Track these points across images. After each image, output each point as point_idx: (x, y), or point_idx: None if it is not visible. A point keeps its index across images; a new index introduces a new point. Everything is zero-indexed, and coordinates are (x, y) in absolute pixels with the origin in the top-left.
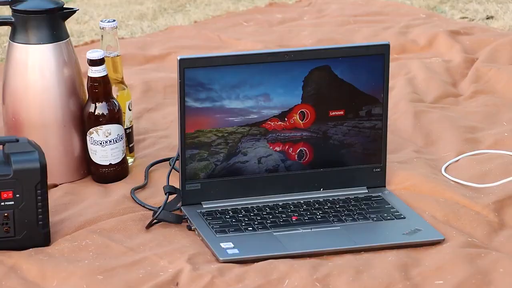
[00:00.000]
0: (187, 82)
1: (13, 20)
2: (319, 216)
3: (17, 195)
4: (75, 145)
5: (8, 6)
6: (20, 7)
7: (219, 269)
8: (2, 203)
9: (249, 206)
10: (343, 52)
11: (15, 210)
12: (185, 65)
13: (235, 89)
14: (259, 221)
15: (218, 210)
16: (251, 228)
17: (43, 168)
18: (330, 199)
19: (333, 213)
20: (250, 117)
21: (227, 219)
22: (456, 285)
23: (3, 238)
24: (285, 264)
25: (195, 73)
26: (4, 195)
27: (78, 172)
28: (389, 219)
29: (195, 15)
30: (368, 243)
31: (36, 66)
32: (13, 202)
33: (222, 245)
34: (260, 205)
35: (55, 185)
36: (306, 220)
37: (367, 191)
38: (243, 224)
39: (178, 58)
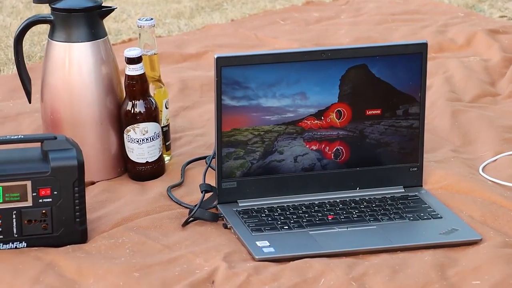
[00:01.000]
0: (224, 80)
1: (52, 18)
2: (355, 215)
3: (55, 192)
4: (112, 143)
5: (48, 4)
6: (59, 5)
7: (255, 267)
8: (40, 200)
9: (285, 204)
10: (381, 50)
11: (53, 207)
12: (222, 63)
13: (272, 88)
14: (295, 219)
15: (254, 208)
16: (287, 227)
17: (81, 166)
18: (367, 198)
19: (369, 212)
20: (286, 115)
21: (263, 218)
22: (493, 286)
23: (41, 235)
24: (320, 263)
25: (232, 72)
26: (42, 192)
27: (115, 170)
28: (425, 219)
29: (232, 14)
30: (404, 243)
31: (75, 64)
32: (51, 199)
33: (258, 243)
34: (296, 203)
35: (92, 183)
36: (342, 219)
37: (403, 190)
38: (279, 222)
39: (215, 57)
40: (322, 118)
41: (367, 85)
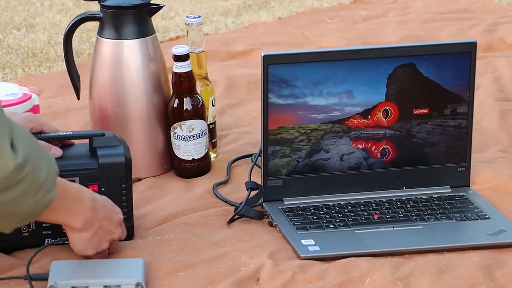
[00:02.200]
0: (270, 78)
1: (101, 15)
2: (401, 215)
3: (103, 189)
4: (159, 139)
5: (97, 2)
6: (109, 3)
7: (300, 265)
8: None
9: (331, 203)
10: (429, 49)
11: None
12: (269, 61)
13: (319, 86)
14: (340, 218)
15: (299, 207)
16: (332, 226)
17: (128, 163)
18: (413, 197)
19: (415, 212)
20: (333, 114)
21: (308, 216)
22: None
23: None
24: (366, 262)
25: (278, 70)
26: (90, 189)
27: (161, 167)
28: (473, 219)
29: (279, 12)
30: (451, 243)
31: (123, 61)
32: None
33: (303, 242)
34: (341, 202)
35: (139, 179)
36: (388, 219)
37: (450, 190)
38: (324, 221)
39: (262, 55)
40: (369, 117)
41: (414, 84)
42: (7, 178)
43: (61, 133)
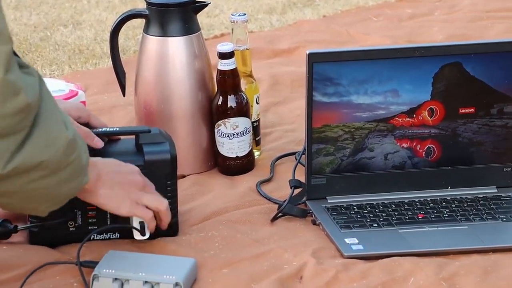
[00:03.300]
0: (315, 76)
1: (147, 13)
2: (446, 215)
3: None
4: (203, 137)
5: None
6: (155, 0)
7: (344, 264)
8: None
9: (374, 202)
10: (476, 48)
11: None
12: (314, 59)
13: (363, 85)
14: (384, 217)
15: (343, 205)
16: (376, 225)
17: (174, 159)
18: (458, 197)
19: (460, 212)
20: (377, 112)
21: (352, 215)
22: None
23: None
24: (410, 262)
25: (323, 68)
26: None
27: (205, 164)
28: None
29: (324, 10)
30: (496, 244)
31: (168, 58)
32: None
33: (347, 240)
34: (385, 201)
35: (183, 176)
36: (432, 218)
37: (496, 190)
38: (368, 220)
39: (307, 53)
40: (414, 116)
41: (461, 83)
42: (59, 161)
43: (107, 129)
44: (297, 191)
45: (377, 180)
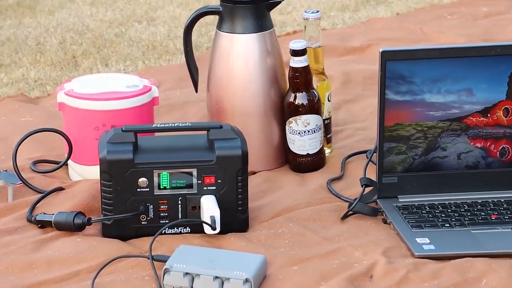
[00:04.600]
0: (388, 74)
1: (221, 9)
2: None
3: (219, 181)
4: (274, 134)
5: None
6: None
7: (414, 264)
8: (205, 188)
9: (447, 202)
10: None
11: (216, 195)
12: (387, 57)
13: (437, 83)
14: (456, 217)
15: (414, 204)
16: (448, 225)
17: (245, 155)
18: None
19: None
20: (451, 111)
21: (423, 214)
22: None
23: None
24: (483, 263)
25: (396, 66)
26: (207, 180)
27: (276, 161)
28: None
29: (398, 7)
30: None
31: (241, 55)
32: (215, 188)
33: (418, 240)
34: (458, 201)
35: (254, 172)
36: (506, 219)
37: None
38: (440, 220)
39: (380, 50)
40: (488, 115)
41: None
42: None
43: (180, 124)
44: (368, 189)
45: (449, 180)
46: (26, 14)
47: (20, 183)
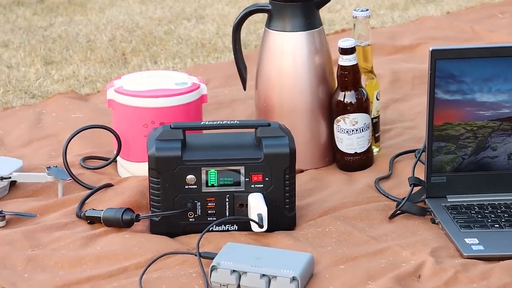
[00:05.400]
0: (438, 73)
1: (270, 8)
2: None
3: (267, 179)
4: (322, 132)
5: None
6: None
7: (463, 264)
8: (252, 186)
9: (496, 202)
10: None
11: (263, 193)
12: (437, 56)
13: (488, 83)
14: (506, 218)
15: (463, 204)
16: (497, 225)
17: (293, 154)
18: None
19: None
20: (501, 111)
21: (472, 215)
22: None
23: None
24: None
25: (446, 65)
26: (255, 178)
27: (323, 159)
28: None
29: (448, 6)
30: None
31: (289, 53)
32: (262, 185)
33: (467, 240)
34: (508, 202)
35: (301, 171)
36: None
37: None
38: (489, 220)
39: (430, 49)
40: None
41: None
42: None
43: (228, 122)
44: (416, 189)
45: (499, 180)
46: (77, 11)
47: (70, 179)
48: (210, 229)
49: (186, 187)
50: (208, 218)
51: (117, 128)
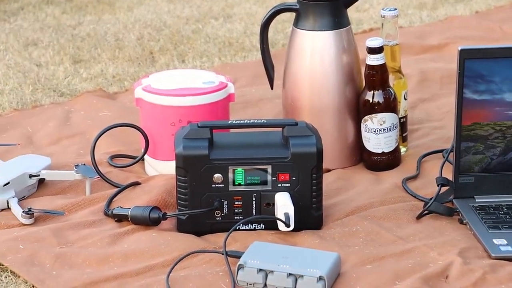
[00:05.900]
0: (466, 73)
1: (297, 7)
2: None
3: (293, 178)
4: (349, 131)
5: None
6: None
7: (491, 265)
8: (279, 185)
9: None
10: None
11: (290, 192)
12: (466, 56)
13: None
14: None
15: (491, 205)
16: None
17: (320, 153)
18: None
19: None
20: None
21: (501, 215)
22: None
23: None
24: None
25: (475, 65)
26: (282, 177)
27: (350, 159)
28: None
29: (477, 5)
30: None
31: (317, 52)
32: (289, 185)
33: (495, 241)
34: None
35: (328, 170)
36: None
37: None
38: None
39: (459, 49)
40: None
41: None
42: None
43: (255, 121)
44: (444, 189)
45: None
46: (106, 10)
47: (98, 177)
48: (237, 228)
49: (213, 185)
50: (235, 217)
51: (145, 127)
